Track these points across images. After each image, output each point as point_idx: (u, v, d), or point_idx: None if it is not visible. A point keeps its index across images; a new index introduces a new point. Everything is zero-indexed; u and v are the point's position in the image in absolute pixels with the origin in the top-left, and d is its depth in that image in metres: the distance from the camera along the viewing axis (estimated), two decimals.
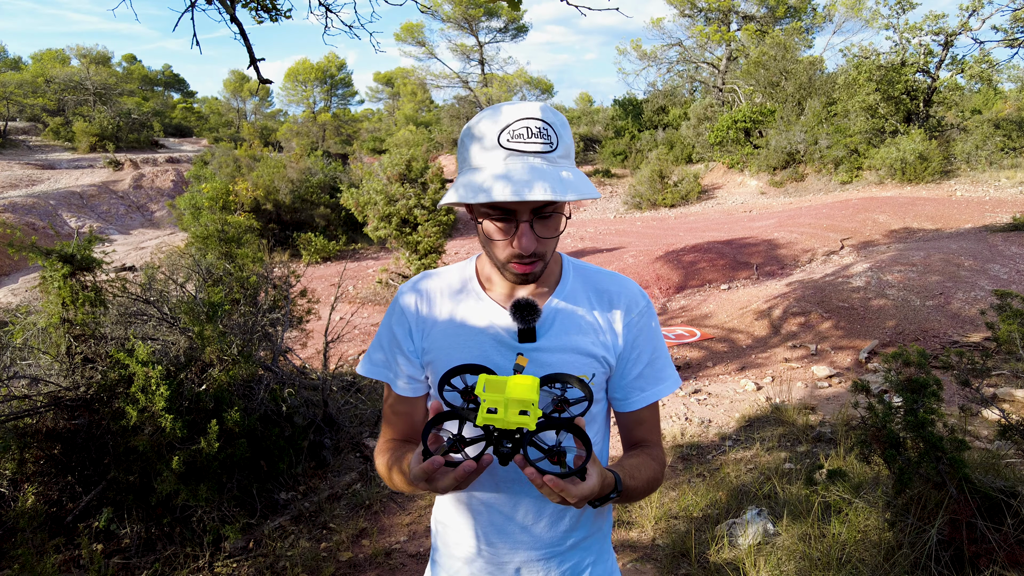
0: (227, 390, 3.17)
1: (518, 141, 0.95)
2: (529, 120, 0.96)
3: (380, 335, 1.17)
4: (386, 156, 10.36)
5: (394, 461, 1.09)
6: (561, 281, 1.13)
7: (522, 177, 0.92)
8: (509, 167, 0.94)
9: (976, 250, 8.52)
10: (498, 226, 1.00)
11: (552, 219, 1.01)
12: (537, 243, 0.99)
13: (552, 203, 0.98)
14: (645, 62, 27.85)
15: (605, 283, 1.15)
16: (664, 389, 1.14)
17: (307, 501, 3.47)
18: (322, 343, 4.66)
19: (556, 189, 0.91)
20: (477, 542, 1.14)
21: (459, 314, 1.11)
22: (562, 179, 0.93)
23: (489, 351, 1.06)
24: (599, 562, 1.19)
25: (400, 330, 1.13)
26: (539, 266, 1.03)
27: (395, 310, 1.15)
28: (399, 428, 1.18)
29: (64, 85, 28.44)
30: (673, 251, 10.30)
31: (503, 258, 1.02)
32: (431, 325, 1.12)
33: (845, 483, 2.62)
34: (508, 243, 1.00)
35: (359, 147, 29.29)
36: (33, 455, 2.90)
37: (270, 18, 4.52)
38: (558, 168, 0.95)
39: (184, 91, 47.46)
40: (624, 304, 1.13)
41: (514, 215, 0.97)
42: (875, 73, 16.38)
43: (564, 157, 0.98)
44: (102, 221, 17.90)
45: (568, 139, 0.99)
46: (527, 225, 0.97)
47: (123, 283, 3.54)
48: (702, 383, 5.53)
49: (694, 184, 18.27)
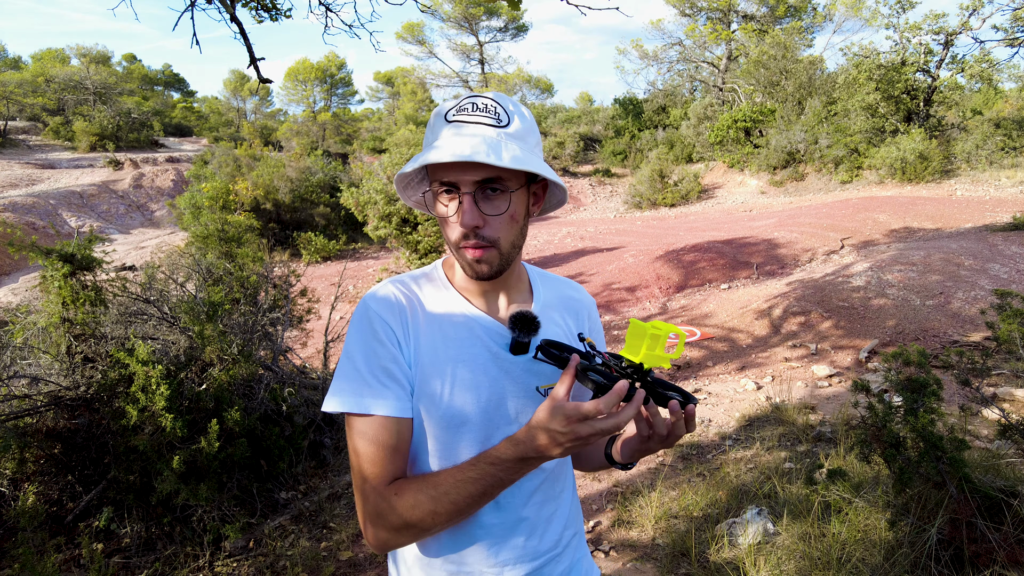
0: (227, 389, 3.17)
1: (463, 114, 0.94)
2: (477, 97, 0.96)
3: (353, 357, 0.97)
4: (386, 155, 10.36)
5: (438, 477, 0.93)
6: (535, 290, 1.12)
7: (455, 142, 0.91)
8: (447, 136, 0.93)
9: (976, 249, 8.52)
10: (443, 203, 0.96)
11: (498, 196, 0.94)
12: (482, 220, 0.93)
13: (496, 178, 0.93)
14: (645, 61, 27.88)
15: (567, 291, 1.17)
16: None
17: (307, 500, 3.47)
18: (322, 342, 4.66)
19: (491, 154, 0.87)
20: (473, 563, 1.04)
21: (444, 322, 1.02)
22: (501, 148, 0.90)
23: (487, 364, 1.01)
24: (584, 558, 1.19)
25: (389, 342, 0.97)
26: (492, 254, 0.96)
27: (371, 319, 0.98)
28: (397, 464, 0.96)
29: (64, 84, 28.42)
30: (673, 250, 10.30)
31: (454, 241, 0.97)
32: (414, 332, 1.00)
33: (845, 482, 2.62)
34: (455, 222, 0.95)
35: (359, 146, 29.25)
36: (33, 454, 2.90)
37: (270, 17, 4.52)
38: (503, 142, 0.92)
39: (184, 90, 47.45)
40: (584, 309, 1.17)
41: (457, 189, 0.94)
42: (875, 72, 16.38)
43: (517, 139, 0.95)
44: (102, 220, 17.90)
45: (527, 125, 0.97)
46: (469, 197, 0.92)
47: (123, 282, 3.54)
48: (702, 382, 5.53)
49: (694, 184, 18.27)
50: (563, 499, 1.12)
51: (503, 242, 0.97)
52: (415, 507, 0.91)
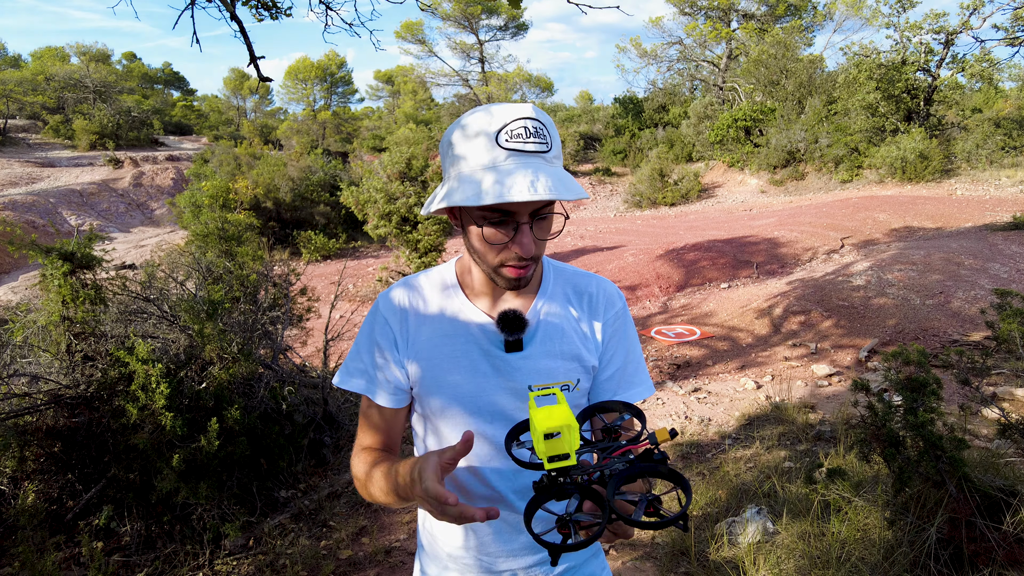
0: (227, 388, 3.17)
1: (517, 141, 0.93)
2: (526, 120, 0.94)
3: (360, 345, 1.11)
4: (386, 154, 10.35)
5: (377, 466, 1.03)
6: (543, 284, 1.12)
7: (527, 177, 0.90)
8: (511, 167, 0.92)
9: (976, 249, 8.52)
10: (496, 230, 0.96)
11: (549, 220, 0.99)
12: (536, 246, 0.97)
13: (550, 204, 0.97)
14: (645, 60, 27.85)
15: (584, 284, 1.14)
16: (635, 395, 1.12)
17: (307, 499, 3.48)
18: (322, 341, 4.66)
19: (559, 189, 0.90)
20: (474, 552, 1.12)
21: (443, 323, 1.07)
22: (562, 179, 0.92)
23: (477, 361, 1.05)
24: (593, 558, 1.20)
25: (384, 340, 1.08)
26: (531, 269, 1.01)
27: (376, 319, 1.10)
28: (378, 439, 1.12)
29: (64, 83, 28.37)
30: (674, 250, 10.30)
31: (496, 262, 0.99)
32: (415, 333, 1.08)
33: (845, 482, 2.62)
34: (504, 247, 0.97)
35: (359, 145, 29.24)
36: (33, 453, 2.90)
37: (270, 16, 4.50)
38: (556, 169, 0.94)
39: (184, 89, 47.39)
40: (602, 305, 1.13)
41: (512, 217, 0.94)
42: (875, 72, 16.36)
43: (557, 158, 0.97)
44: (102, 219, 17.89)
45: (558, 141, 0.99)
46: (527, 227, 0.95)
47: (123, 281, 3.54)
48: (702, 382, 5.53)
49: (694, 183, 18.26)
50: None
51: (541, 255, 1.02)
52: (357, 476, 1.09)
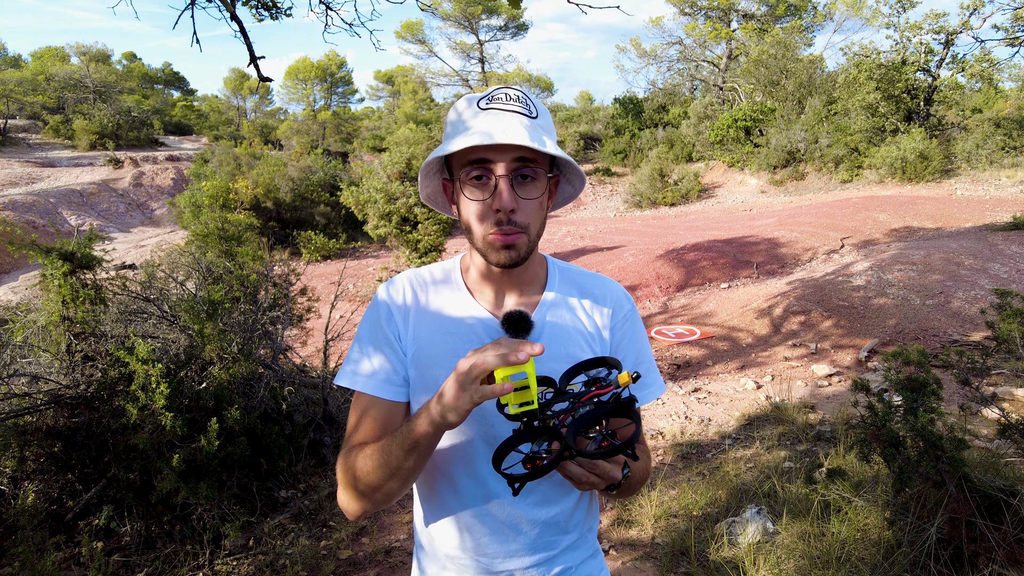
0: (227, 388, 3.17)
1: (497, 103, 0.95)
2: (508, 88, 0.97)
3: (362, 339, 1.08)
4: (386, 154, 10.36)
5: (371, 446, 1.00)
6: (548, 284, 1.10)
7: (498, 125, 0.91)
8: (485, 121, 0.94)
9: (976, 249, 8.52)
10: (475, 184, 0.95)
11: (530, 183, 0.96)
12: (517, 204, 0.94)
13: (532, 161, 0.94)
14: (645, 60, 27.85)
15: (590, 286, 1.13)
16: (647, 395, 1.11)
17: (307, 499, 3.48)
18: (322, 341, 4.66)
19: (534, 139, 0.90)
20: (472, 553, 1.10)
21: (444, 318, 1.06)
22: (541, 135, 0.93)
23: None
24: (591, 559, 1.19)
25: (389, 331, 1.06)
26: (522, 239, 0.96)
27: (379, 310, 1.07)
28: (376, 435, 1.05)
29: (64, 83, 28.37)
30: (674, 250, 10.30)
31: (483, 232, 0.96)
32: (416, 327, 1.06)
33: (845, 482, 2.62)
34: (487, 207, 0.95)
35: (359, 145, 29.22)
36: (33, 453, 2.90)
37: (270, 16, 4.51)
38: (539, 132, 0.95)
39: (184, 89, 47.39)
40: (610, 307, 1.11)
41: (491, 172, 0.93)
42: (875, 72, 16.36)
43: (545, 130, 0.97)
44: (102, 219, 17.89)
45: (549, 122, 0.99)
46: (506, 180, 0.92)
47: (123, 281, 3.54)
48: (702, 382, 5.53)
49: (694, 183, 18.26)
50: (575, 494, 1.12)
51: (532, 229, 0.98)
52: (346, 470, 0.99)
